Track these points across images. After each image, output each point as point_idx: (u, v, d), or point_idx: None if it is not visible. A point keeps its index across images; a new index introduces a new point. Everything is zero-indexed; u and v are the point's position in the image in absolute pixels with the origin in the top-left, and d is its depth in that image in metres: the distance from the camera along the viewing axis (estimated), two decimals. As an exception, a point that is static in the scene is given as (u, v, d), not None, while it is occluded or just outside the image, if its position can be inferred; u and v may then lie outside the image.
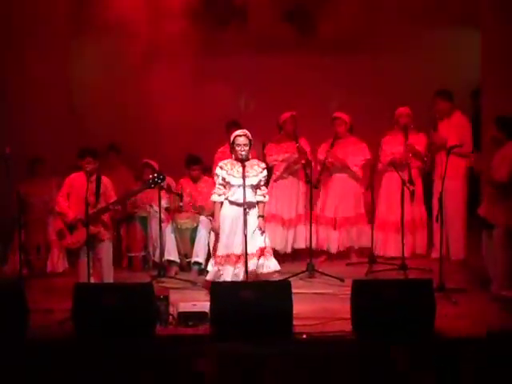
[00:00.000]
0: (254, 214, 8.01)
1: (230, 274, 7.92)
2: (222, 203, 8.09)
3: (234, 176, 7.99)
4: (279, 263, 8.16)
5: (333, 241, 9.77)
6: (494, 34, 10.15)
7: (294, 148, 9.49)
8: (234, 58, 10.61)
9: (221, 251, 8.01)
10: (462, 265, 9.37)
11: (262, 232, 7.99)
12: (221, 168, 8.11)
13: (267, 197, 8.17)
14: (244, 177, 7.86)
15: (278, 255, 9.08)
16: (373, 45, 11.14)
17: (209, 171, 9.83)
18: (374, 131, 9.88)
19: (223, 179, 8.06)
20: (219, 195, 8.09)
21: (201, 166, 9.64)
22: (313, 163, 9.44)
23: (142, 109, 9.49)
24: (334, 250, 9.79)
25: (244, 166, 7.90)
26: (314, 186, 9.10)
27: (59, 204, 8.28)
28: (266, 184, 8.36)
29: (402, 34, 11.01)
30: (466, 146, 9.16)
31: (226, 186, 8.05)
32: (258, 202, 8.05)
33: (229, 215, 8.02)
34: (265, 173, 8.11)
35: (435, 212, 8.59)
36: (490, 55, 10.27)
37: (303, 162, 9.30)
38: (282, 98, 10.63)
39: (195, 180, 9.63)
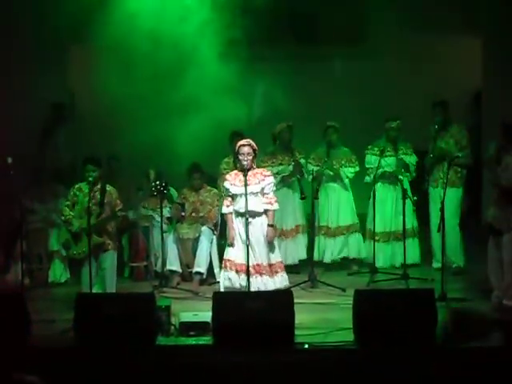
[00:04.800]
0: (260, 222, 7.99)
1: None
2: (232, 214, 8.09)
3: (235, 185, 8.02)
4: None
5: (327, 250, 9.78)
6: (495, 38, 10.20)
7: (289, 160, 9.52)
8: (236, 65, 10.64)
9: (236, 259, 7.98)
10: (460, 274, 9.36)
11: (270, 242, 7.98)
12: (225, 179, 8.18)
13: (275, 204, 8.08)
14: (246, 186, 7.87)
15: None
16: (373, 49, 11.18)
17: (213, 181, 9.86)
18: (374, 136, 9.90)
19: (227, 190, 8.10)
20: (227, 206, 8.12)
21: (202, 175, 9.65)
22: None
23: (145, 119, 9.48)
24: (327, 259, 9.79)
25: (245, 175, 7.91)
26: (314, 197, 9.12)
27: (64, 213, 8.33)
28: None
29: (401, 39, 11.04)
30: (466, 157, 9.23)
31: (232, 197, 8.08)
32: (266, 211, 8.04)
33: (236, 225, 8.03)
34: (268, 180, 8.06)
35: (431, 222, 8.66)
36: (491, 59, 10.32)
37: (299, 176, 9.30)
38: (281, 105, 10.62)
39: (197, 189, 9.65)
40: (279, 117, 9.87)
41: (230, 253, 8.07)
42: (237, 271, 7.97)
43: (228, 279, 8.01)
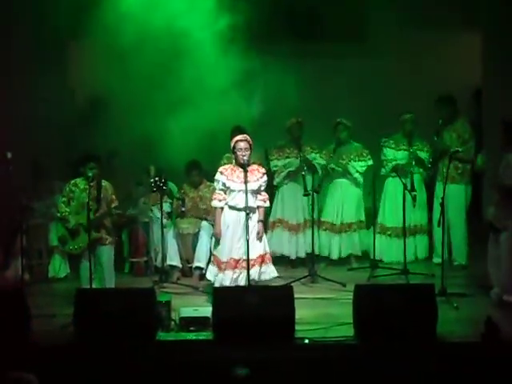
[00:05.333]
0: (254, 219, 8.01)
1: (229, 279, 7.91)
2: (222, 209, 8.10)
3: (233, 181, 8.02)
4: (287, 268, 8.19)
5: (334, 246, 9.78)
6: (495, 34, 10.19)
7: (297, 154, 9.51)
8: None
9: (223, 256, 7.99)
10: (463, 270, 9.37)
11: (260, 237, 7.99)
12: (221, 173, 8.14)
13: (268, 202, 8.18)
14: (246, 182, 7.87)
15: (285, 260, 9.16)
16: (374, 48, 11.16)
17: (212, 177, 9.83)
18: (376, 135, 9.89)
19: (223, 184, 8.08)
20: (219, 201, 8.11)
21: (200, 172, 9.65)
22: None
23: (144, 114, 9.48)
24: (334, 255, 9.79)
25: (246, 171, 7.91)
26: (314, 190, 9.11)
27: (60, 210, 8.31)
28: (268, 189, 8.36)
29: (401, 38, 11.03)
30: (468, 152, 9.22)
31: (226, 192, 8.07)
32: (258, 207, 8.06)
33: (229, 220, 8.03)
34: (265, 178, 8.13)
35: (433, 217, 8.63)
36: (491, 56, 10.31)
37: (302, 173, 9.30)
38: (283, 102, 10.61)
39: (196, 185, 9.65)
40: (279, 112, 9.85)
41: (216, 247, 8.16)
42: (218, 267, 8.01)
43: (209, 272, 8.14)
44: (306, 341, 6.87)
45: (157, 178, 8.76)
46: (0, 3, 9.82)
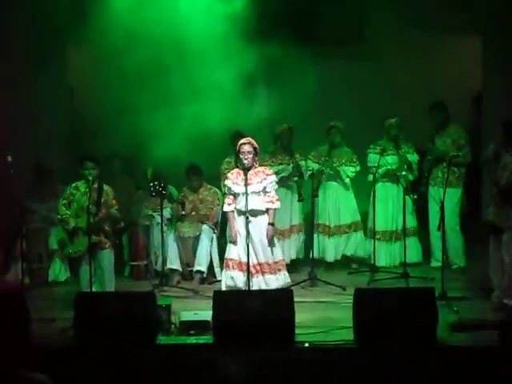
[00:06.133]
0: (263, 221, 8.01)
1: (257, 282, 7.92)
2: (233, 212, 8.10)
3: (237, 184, 8.03)
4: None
5: (329, 249, 9.78)
6: (495, 38, 10.21)
7: (289, 160, 9.51)
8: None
9: (239, 258, 7.97)
10: (462, 273, 9.37)
11: (269, 241, 7.98)
12: (227, 178, 8.20)
13: (277, 203, 8.10)
14: (246, 184, 7.88)
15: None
16: (373, 49, 11.17)
17: (211, 180, 9.83)
18: (376, 136, 9.91)
19: (229, 189, 8.11)
20: (229, 205, 8.13)
21: (200, 176, 9.65)
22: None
23: (143, 117, 9.49)
24: (330, 258, 9.79)
25: (246, 174, 7.92)
26: (314, 195, 9.12)
27: (60, 212, 8.31)
28: None
29: (401, 38, 11.04)
30: (465, 157, 9.24)
31: (235, 195, 8.08)
32: (267, 209, 8.05)
33: (238, 224, 8.03)
34: (271, 179, 8.09)
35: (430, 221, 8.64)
36: (491, 60, 10.32)
37: (297, 178, 9.29)
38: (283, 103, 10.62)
39: (196, 189, 9.65)
40: (279, 115, 9.84)
41: (232, 252, 8.09)
42: (240, 270, 7.98)
43: (231, 278, 8.02)
44: (306, 344, 6.86)
45: (156, 183, 8.76)
46: (0, 3, 9.83)
